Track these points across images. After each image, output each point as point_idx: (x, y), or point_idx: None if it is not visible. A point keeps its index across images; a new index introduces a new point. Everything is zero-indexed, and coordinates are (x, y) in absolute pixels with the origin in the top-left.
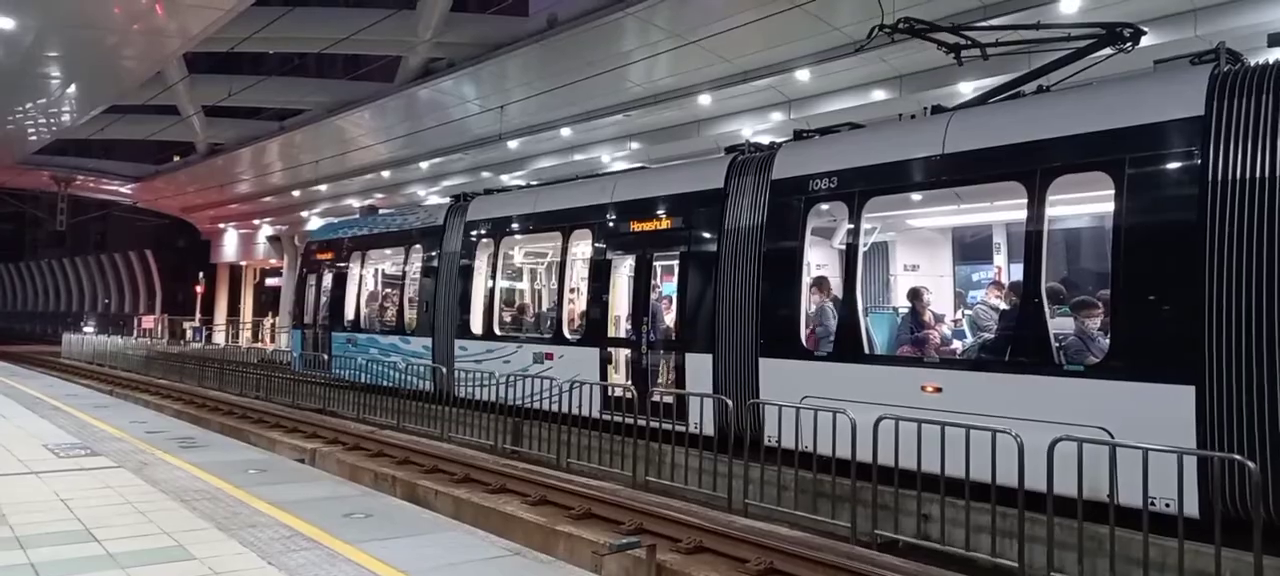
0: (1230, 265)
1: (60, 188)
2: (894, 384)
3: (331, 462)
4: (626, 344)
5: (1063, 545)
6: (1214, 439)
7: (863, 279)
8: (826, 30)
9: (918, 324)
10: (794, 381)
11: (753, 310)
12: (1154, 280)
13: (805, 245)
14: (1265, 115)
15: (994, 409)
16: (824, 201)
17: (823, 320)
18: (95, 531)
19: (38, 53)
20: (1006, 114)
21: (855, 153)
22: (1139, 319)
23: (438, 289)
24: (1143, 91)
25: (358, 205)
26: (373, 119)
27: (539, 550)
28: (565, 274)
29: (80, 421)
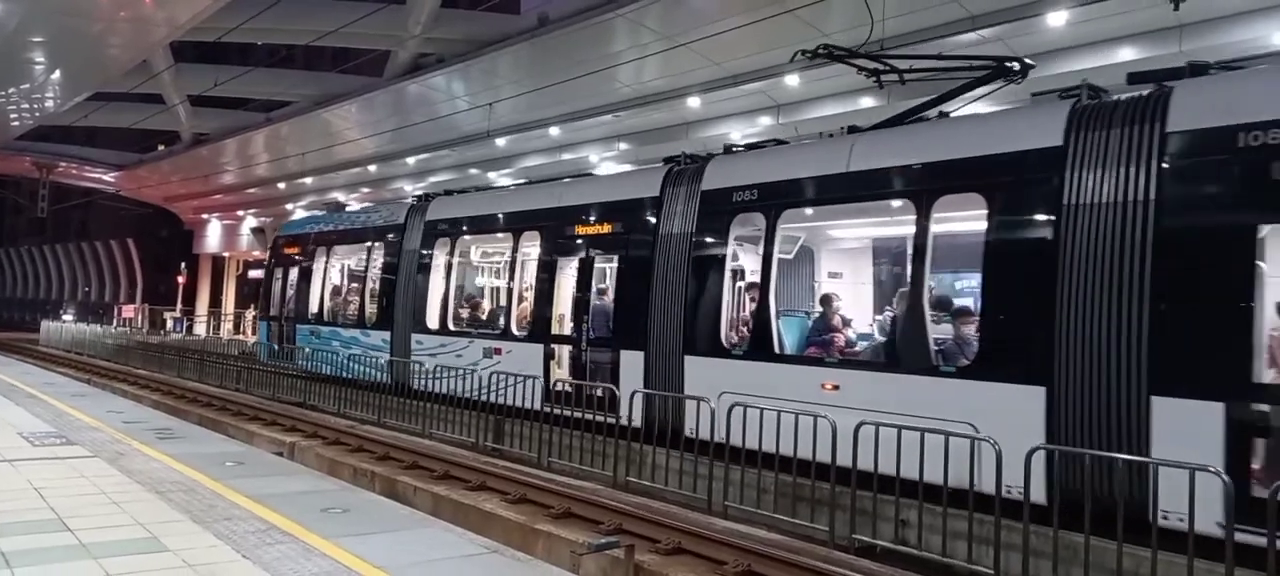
0: (1079, 279)
1: (42, 174)
2: (799, 381)
3: (310, 457)
4: (568, 341)
5: (1038, 552)
6: (1061, 434)
7: (791, 285)
8: (817, 36)
9: (826, 327)
10: (714, 378)
11: (680, 311)
12: (1014, 292)
13: (728, 252)
14: (1112, 147)
15: (883, 405)
16: (746, 211)
17: (739, 321)
18: (68, 521)
19: (21, 38)
20: (903, 137)
21: (774, 168)
22: (1001, 326)
23: (397, 285)
24: (1014, 122)
25: (342, 199)
26: (360, 113)
27: (517, 548)
28: (515, 274)
29: (57, 410)
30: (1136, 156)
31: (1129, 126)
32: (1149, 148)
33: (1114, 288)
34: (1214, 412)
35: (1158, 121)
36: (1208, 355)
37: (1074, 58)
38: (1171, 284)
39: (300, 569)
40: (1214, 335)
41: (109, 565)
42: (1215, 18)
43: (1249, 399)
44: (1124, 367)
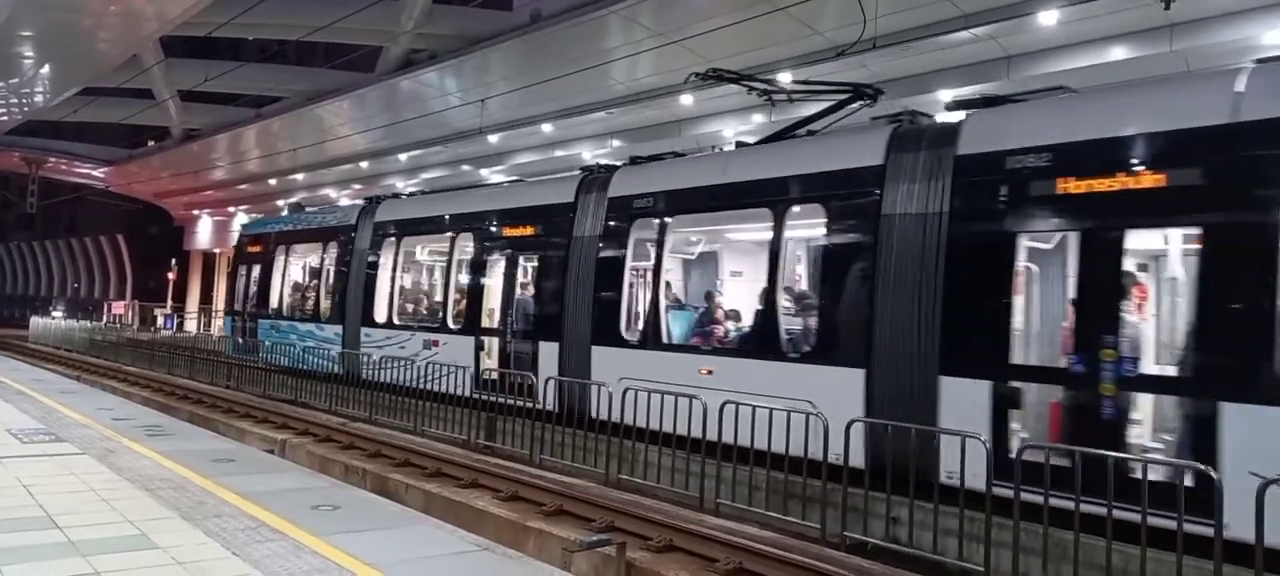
0: (892, 279)
1: (31, 169)
2: (682, 367)
3: (301, 454)
4: (495, 333)
5: (1028, 550)
6: (876, 409)
7: (690, 282)
8: (809, 34)
9: (708, 320)
10: (615, 365)
11: (589, 306)
12: (842, 289)
13: (629, 253)
14: (919, 166)
15: (747, 387)
16: (642, 217)
17: (636, 315)
18: (57, 518)
19: (10, 32)
20: (768, 153)
21: (665, 178)
22: (831, 318)
23: (348, 282)
24: (849, 142)
25: (335, 195)
26: (352, 109)
27: (509, 546)
28: (450, 271)
29: (46, 407)
30: (935, 175)
31: (931, 149)
32: (943, 168)
33: (916, 286)
34: (982, 389)
35: (951, 145)
36: (979, 342)
37: (1066, 56)
38: (955, 283)
39: (290, 566)
40: (984, 326)
41: (98, 563)
42: (1206, 17)
43: (1007, 378)
44: (921, 353)
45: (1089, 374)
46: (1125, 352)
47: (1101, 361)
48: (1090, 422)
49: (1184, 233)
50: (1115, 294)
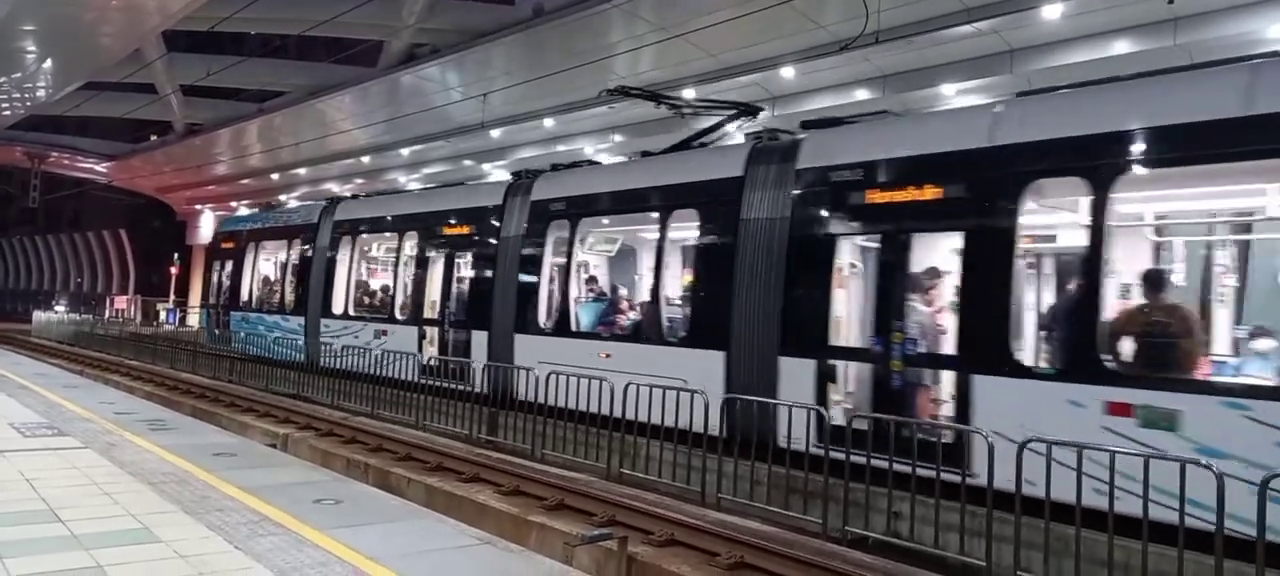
0: (747, 275)
1: (33, 164)
2: (587, 352)
3: (303, 448)
4: (435, 323)
5: (1029, 545)
6: (734, 385)
7: (601, 276)
8: (812, 28)
9: (611, 310)
10: (534, 351)
11: (513, 298)
12: (708, 284)
13: (547, 251)
14: (769, 177)
15: (637, 369)
16: (557, 219)
17: (551, 307)
18: (60, 512)
19: (13, 26)
20: (661, 164)
21: (578, 185)
22: (700, 309)
23: (310, 277)
24: (718, 156)
25: (337, 190)
26: (354, 103)
27: (511, 540)
28: (398, 267)
29: (48, 401)
30: (780, 185)
31: (779, 163)
32: (786, 179)
33: (765, 281)
34: (810, 366)
35: (793, 160)
36: (807, 328)
37: (1069, 50)
38: (791, 278)
39: (292, 560)
40: (811, 314)
41: (101, 556)
42: (1209, 11)
43: (827, 357)
44: (766, 337)
45: (885, 353)
46: (910, 335)
47: (893, 343)
48: (886, 392)
49: (949, 237)
50: (904, 287)
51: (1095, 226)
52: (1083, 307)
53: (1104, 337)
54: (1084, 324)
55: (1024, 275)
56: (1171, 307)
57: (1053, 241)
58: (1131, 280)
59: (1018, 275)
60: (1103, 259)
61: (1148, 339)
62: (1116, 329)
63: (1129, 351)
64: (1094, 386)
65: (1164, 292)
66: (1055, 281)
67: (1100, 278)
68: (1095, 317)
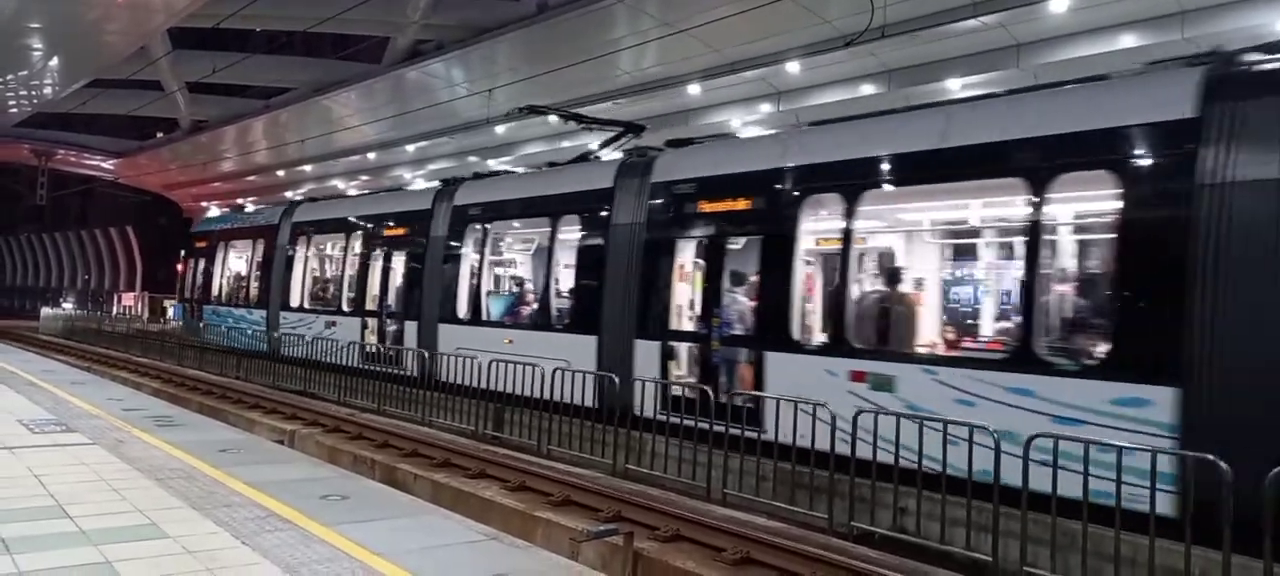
0: (614, 272)
1: (40, 161)
2: (495, 338)
3: (310, 444)
4: (375, 315)
5: (1036, 540)
6: (605, 365)
7: (508, 272)
8: (817, 23)
9: (517, 301)
10: (454, 337)
11: (438, 291)
12: (585, 280)
13: (466, 250)
14: (633, 189)
15: (534, 352)
16: (474, 222)
17: (467, 299)
18: (68, 508)
19: (19, 24)
20: (555, 175)
21: (491, 192)
22: (579, 301)
23: (271, 273)
24: (596, 169)
25: (342, 186)
26: (359, 100)
27: (517, 535)
28: (345, 264)
29: (56, 397)
30: (639, 195)
31: (639, 176)
32: (643, 190)
33: (625, 276)
34: (655, 347)
35: (649, 175)
36: (653, 315)
37: (1076, 44)
38: (643, 274)
39: (299, 555)
40: (656, 304)
41: (109, 551)
42: (1217, 4)
43: (668, 340)
44: (625, 324)
45: (708, 335)
46: (725, 321)
47: (713, 327)
48: (709, 366)
49: (752, 240)
50: (721, 281)
51: (846, 231)
52: (836, 297)
53: (849, 321)
54: (836, 310)
55: (801, 271)
56: (896, 296)
57: (819, 244)
58: (872, 274)
59: (796, 271)
60: (850, 258)
61: (874, 321)
62: (857, 314)
63: (863, 331)
64: (842, 359)
65: (896, 285)
66: (821, 276)
67: (848, 273)
68: (843, 305)
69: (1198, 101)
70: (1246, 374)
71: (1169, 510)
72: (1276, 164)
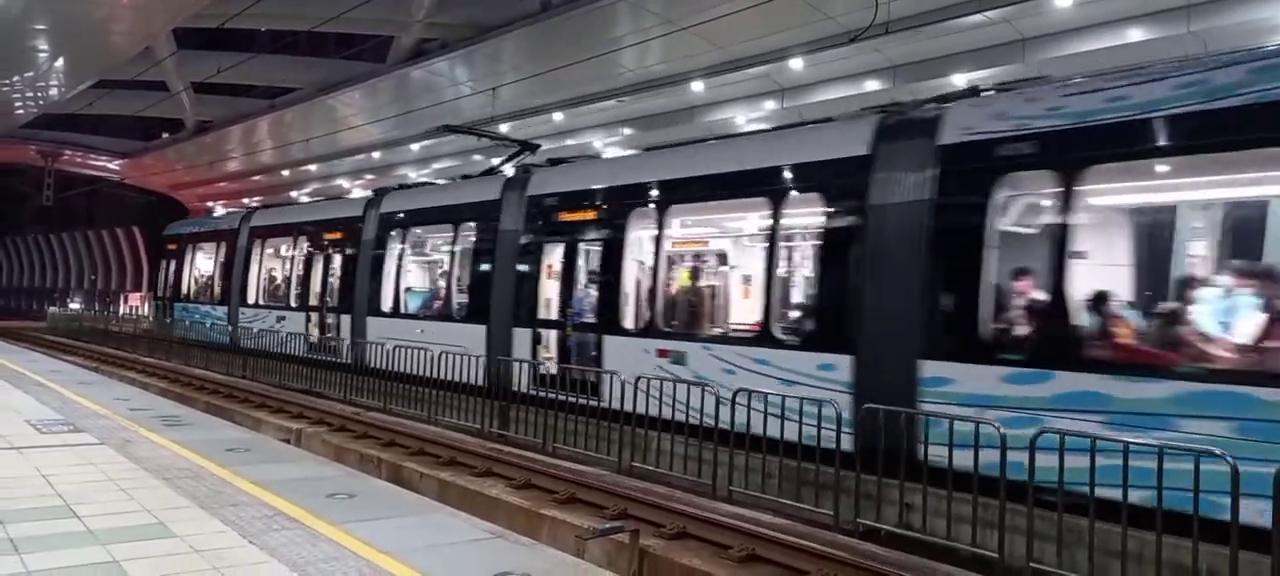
0: (502, 270)
1: (47, 162)
2: (411, 328)
3: (317, 443)
4: (318, 309)
5: (1042, 536)
6: (492, 350)
7: (423, 271)
8: (821, 19)
9: (432, 297)
10: (379, 329)
11: (367, 288)
12: (478, 277)
13: (390, 251)
14: (514, 200)
15: (440, 340)
16: (397, 227)
17: (390, 294)
18: (76, 507)
19: (25, 25)
20: (462, 187)
21: (409, 201)
22: (474, 295)
23: (232, 273)
24: (487, 183)
25: (347, 186)
26: (364, 99)
27: (522, 533)
28: (293, 263)
29: (64, 397)
30: (519, 206)
31: (519, 190)
32: (522, 202)
33: (510, 273)
34: (527, 333)
35: (525, 189)
36: (526, 306)
37: (1082, 39)
38: (520, 271)
39: (306, 554)
40: (528, 296)
41: (116, 551)
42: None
43: (537, 327)
44: (508, 314)
45: (564, 322)
46: (576, 310)
47: (568, 315)
48: (565, 348)
49: (593, 244)
50: (574, 278)
51: (658, 238)
52: (653, 290)
53: (657, 310)
54: (651, 300)
55: (628, 270)
56: (688, 290)
57: (639, 247)
58: (671, 273)
59: (626, 269)
60: (662, 258)
61: (673, 310)
62: (662, 305)
63: (666, 318)
64: (652, 340)
65: (690, 281)
66: (640, 274)
67: (660, 269)
68: (656, 296)
69: (871, 142)
70: (890, 342)
71: (849, 446)
72: (915, 189)
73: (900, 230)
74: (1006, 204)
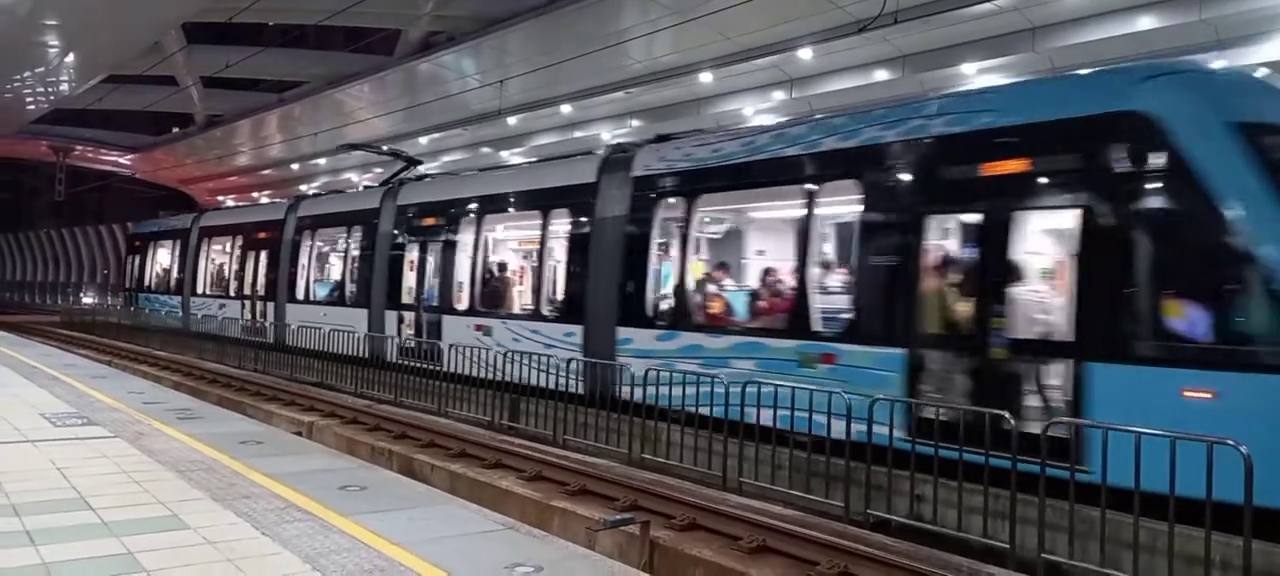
0: (378, 265)
1: (58, 158)
2: (316, 313)
3: (328, 435)
4: (251, 298)
5: (1054, 527)
6: (371, 328)
7: (327, 265)
8: (829, 8)
9: (328, 287)
10: (295, 314)
11: (287, 279)
12: (362, 270)
13: (306, 248)
14: (387, 208)
15: (334, 322)
16: (307, 228)
17: (302, 284)
18: (90, 500)
19: (35, 21)
20: (355, 196)
21: (316, 206)
22: (358, 284)
23: (185, 267)
24: (373, 193)
25: (356, 180)
26: (372, 92)
27: (533, 525)
28: (231, 260)
29: (78, 391)
30: (391, 213)
31: (392, 199)
32: (392, 209)
33: (387, 267)
34: (395, 314)
35: (396, 198)
36: (394, 292)
37: (1092, 27)
38: (389, 265)
39: (318, 545)
40: (395, 285)
41: (131, 542)
42: None
43: (402, 310)
44: (382, 299)
45: (417, 304)
46: (426, 295)
47: (422, 299)
48: (422, 325)
49: (437, 242)
50: (427, 269)
51: (475, 240)
52: (472, 280)
53: (475, 295)
54: (472, 288)
55: (459, 262)
56: (494, 279)
57: (466, 247)
58: (485, 265)
59: (456, 262)
60: (478, 256)
61: (484, 294)
62: (479, 291)
63: (481, 301)
64: (473, 317)
65: (497, 271)
66: (466, 266)
67: (476, 265)
68: (475, 285)
69: (598, 173)
70: (600, 316)
71: (581, 389)
72: (618, 207)
73: (611, 236)
74: (661, 219)
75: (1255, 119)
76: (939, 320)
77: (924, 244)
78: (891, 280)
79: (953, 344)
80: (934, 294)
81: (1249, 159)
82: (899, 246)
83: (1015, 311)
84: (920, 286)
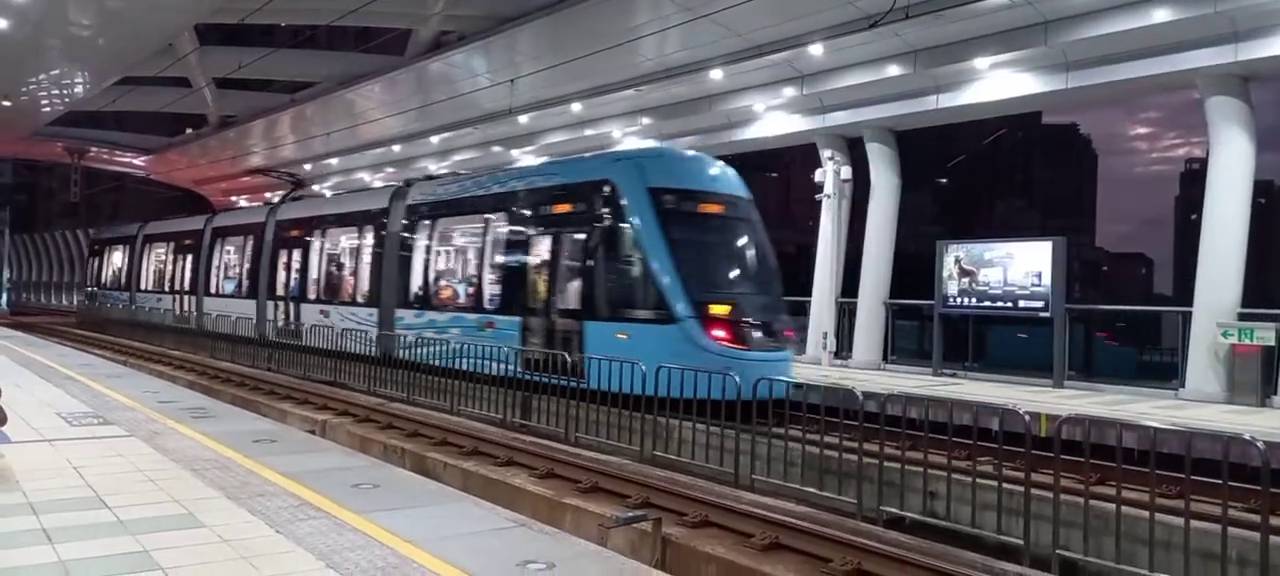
0: (262, 264)
1: (73, 159)
2: (226, 305)
3: (341, 434)
4: (183, 293)
5: (1068, 523)
6: (261, 313)
7: (230, 265)
8: (841, 4)
9: (236, 282)
10: (212, 305)
11: (205, 276)
12: (253, 265)
13: (214, 253)
14: (270, 221)
15: (238, 310)
16: (220, 238)
17: (214, 281)
18: (106, 498)
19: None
20: (254, 210)
21: (227, 219)
22: (250, 278)
23: (132, 268)
24: (262, 210)
25: (368, 178)
26: (383, 92)
27: (545, 522)
28: (168, 262)
29: (93, 391)
30: (273, 225)
31: (274, 216)
32: (274, 223)
33: (264, 267)
34: (270, 304)
35: (275, 214)
36: (270, 286)
37: (1105, 21)
38: (270, 265)
39: (332, 543)
40: (273, 280)
41: (146, 541)
42: None
43: (276, 300)
44: (263, 290)
45: (286, 296)
46: (293, 288)
47: (288, 292)
48: (290, 312)
49: (298, 248)
50: (291, 268)
51: (321, 247)
52: (317, 276)
53: (321, 287)
54: (316, 282)
55: (312, 263)
56: (334, 276)
57: (315, 250)
58: (317, 265)
59: (310, 263)
60: (322, 258)
61: (324, 288)
62: (322, 284)
63: (323, 292)
64: (316, 305)
65: (336, 270)
66: (312, 265)
67: (320, 265)
68: (319, 279)
69: (388, 200)
70: (388, 300)
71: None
72: (397, 224)
73: (394, 244)
74: (419, 235)
75: (661, 184)
76: (533, 298)
77: (529, 253)
78: (512, 275)
79: (538, 313)
80: (531, 283)
81: (651, 207)
82: (519, 254)
83: (563, 293)
84: (526, 279)
